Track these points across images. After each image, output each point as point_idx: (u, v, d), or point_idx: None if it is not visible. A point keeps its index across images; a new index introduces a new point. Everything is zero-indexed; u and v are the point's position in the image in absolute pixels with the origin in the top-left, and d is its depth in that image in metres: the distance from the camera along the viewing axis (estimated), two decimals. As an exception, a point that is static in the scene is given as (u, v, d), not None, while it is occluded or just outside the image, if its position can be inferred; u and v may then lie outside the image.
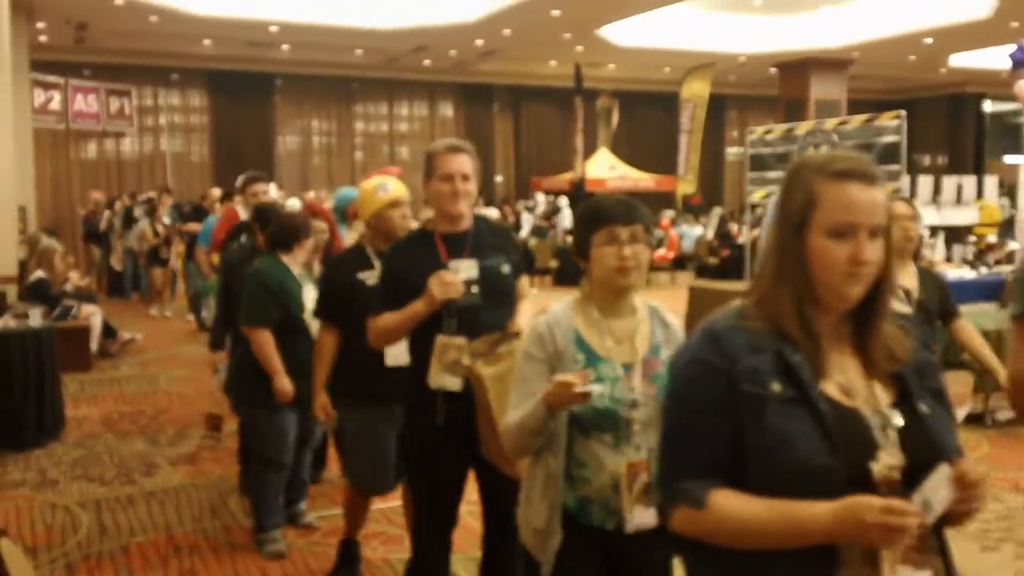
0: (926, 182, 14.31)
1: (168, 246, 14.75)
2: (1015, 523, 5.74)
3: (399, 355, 4.05)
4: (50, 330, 8.20)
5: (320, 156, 25.84)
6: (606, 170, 25.06)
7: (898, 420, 1.89)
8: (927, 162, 29.42)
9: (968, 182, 14.72)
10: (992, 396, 7.90)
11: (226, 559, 5.29)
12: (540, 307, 3.85)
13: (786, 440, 1.81)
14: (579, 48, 21.89)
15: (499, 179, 27.48)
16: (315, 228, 5.80)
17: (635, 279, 2.81)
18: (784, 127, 10.20)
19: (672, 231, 21.33)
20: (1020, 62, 10.63)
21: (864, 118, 9.28)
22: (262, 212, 5.86)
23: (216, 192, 14.34)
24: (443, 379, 3.57)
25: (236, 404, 5.75)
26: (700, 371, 1.92)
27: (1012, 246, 13.56)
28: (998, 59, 23.69)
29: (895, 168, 8.94)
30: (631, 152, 27.35)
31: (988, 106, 29.46)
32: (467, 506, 3.95)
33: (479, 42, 21.32)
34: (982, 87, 28.54)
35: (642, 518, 2.70)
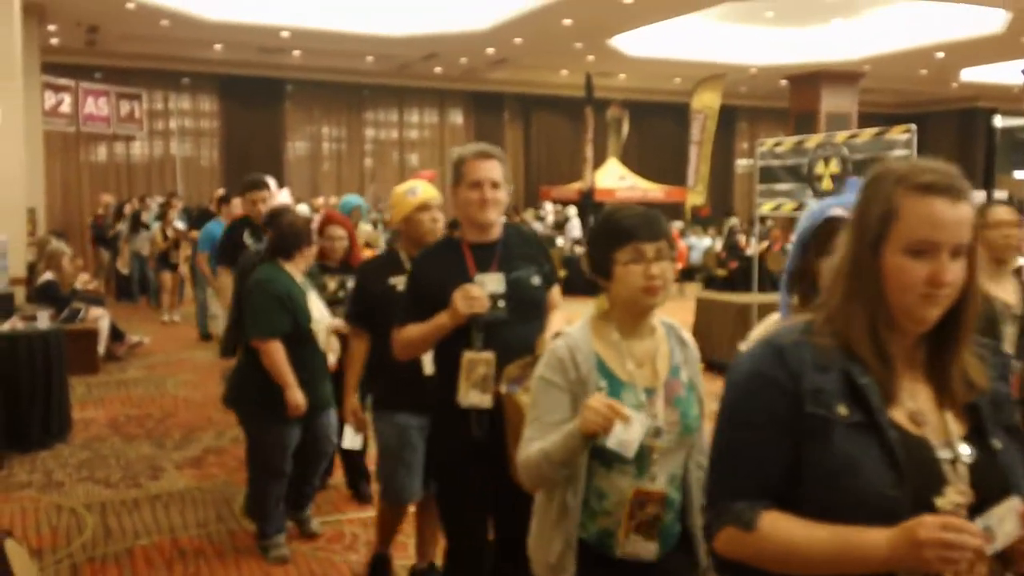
0: (936, 196, 14.26)
1: (178, 250, 14.74)
2: None
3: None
4: (58, 332, 8.21)
5: (330, 162, 25.89)
6: (615, 180, 25.09)
7: (969, 454, 1.77)
8: (937, 176, 29.30)
9: (978, 197, 14.65)
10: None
11: (231, 563, 5.28)
12: (567, 319, 3.72)
13: (851, 467, 1.71)
14: (590, 58, 21.91)
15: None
16: (334, 235, 5.75)
17: (662, 299, 2.64)
18: (794, 139, 10.16)
19: (681, 242, 21.32)
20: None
21: (874, 131, 9.25)
22: (274, 217, 5.76)
23: (219, 193, 14.12)
24: (472, 396, 3.43)
25: (240, 415, 5.55)
26: (761, 385, 1.82)
27: (1020, 262, 13.51)
28: (1010, 74, 23.75)
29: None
30: (641, 162, 27.39)
31: (999, 121, 29.40)
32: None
33: (490, 50, 21.35)
34: (993, 102, 28.54)
35: (637, 549, 2.60)
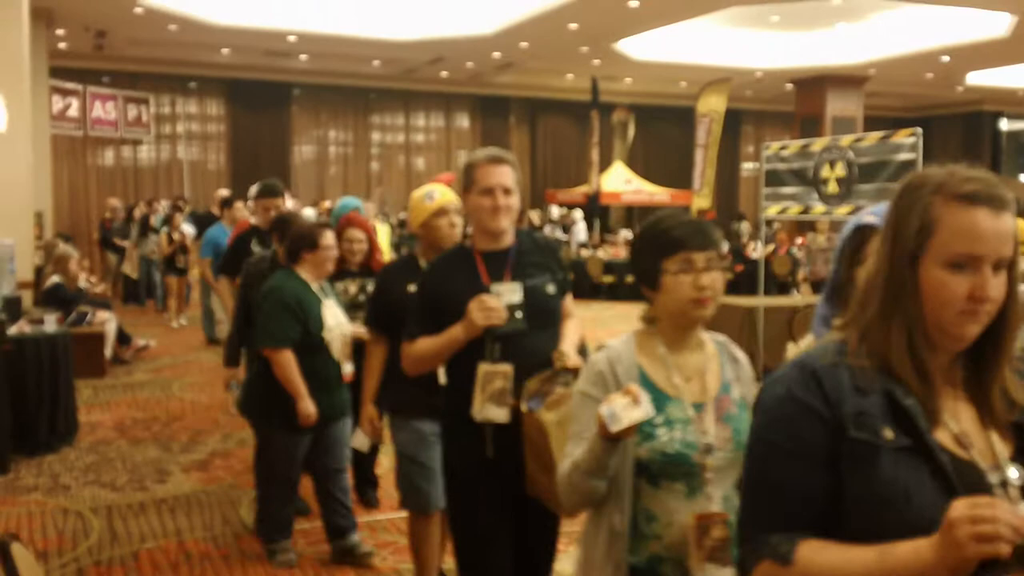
0: (942, 200, 14.25)
1: (185, 255, 14.76)
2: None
3: None
4: (65, 336, 8.23)
5: (336, 166, 25.91)
6: (621, 183, 25.09)
7: (1018, 477, 1.68)
8: (943, 180, 29.29)
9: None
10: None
11: (236, 567, 5.30)
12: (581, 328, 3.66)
13: (901, 494, 1.61)
14: (596, 61, 21.91)
15: (514, 191, 27.48)
16: (353, 238, 5.65)
17: (711, 311, 2.52)
18: (800, 143, 10.16)
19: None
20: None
21: (880, 135, 9.24)
22: (281, 222, 5.72)
23: (225, 193, 14.04)
24: (489, 411, 3.28)
25: (251, 422, 5.55)
26: (796, 412, 1.70)
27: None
28: (1015, 78, 23.73)
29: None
30: (646, 166, 27.39)
31: (1005, 124, 29.41)
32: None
33: (496, 54, 21.36)
34: (999, 105, 28.50)
35: None
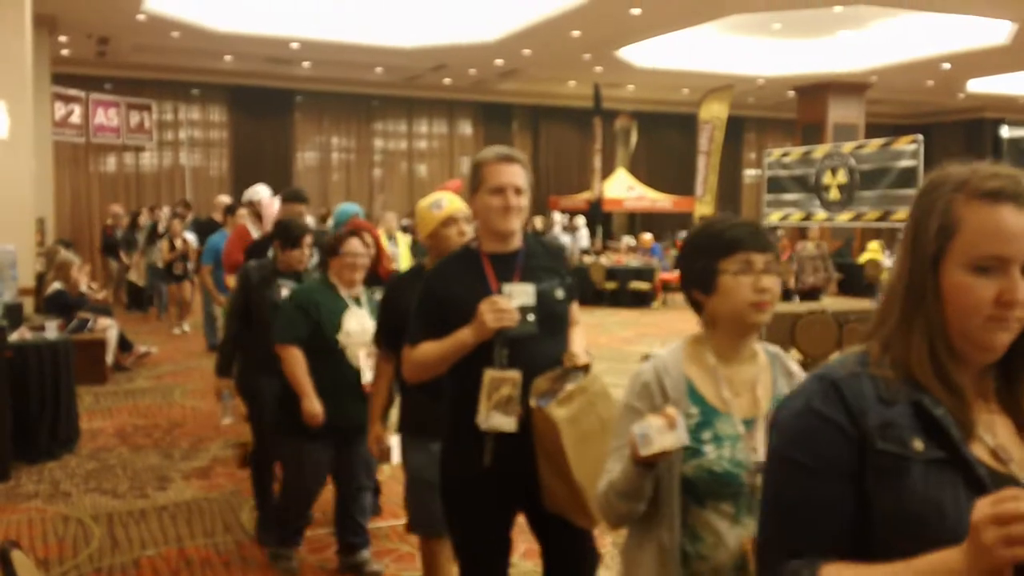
0: (943, 207, 14.26)
1: (184, 262, 14.75)
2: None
3: None
4: (66, 342, 8.24)
5: (339, 172, 25.94)
6: (624, 190, 25.12)
7: None
8: (945, 187, 29.32)
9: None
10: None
11: (237, 574, 5.29)
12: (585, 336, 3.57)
13: (934, 511, 1.49)
14: (598, 68, 21.94)
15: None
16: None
17: (768, 317, 2.39)
18: (801, 150, 10.18)
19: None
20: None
21: (881, 142, 9.26)
22: (281, 229, 5.64)
23: (226, 199, 13.99)
24: (495, 419, 3.14)
25: (273, 431, 5.38)
26: (816, 426, 1.58)
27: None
28: (1016, 85, 23.75)
29: (911, 192, 8.88)
30: (649, 172, 27.42)
31: (1006, 131, 29.41)
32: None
33: (499, 61, 21.39)
34: (1000, 112, 28.52)
35: None
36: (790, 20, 18.09)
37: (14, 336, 7.82)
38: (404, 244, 9.42)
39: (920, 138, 8.83)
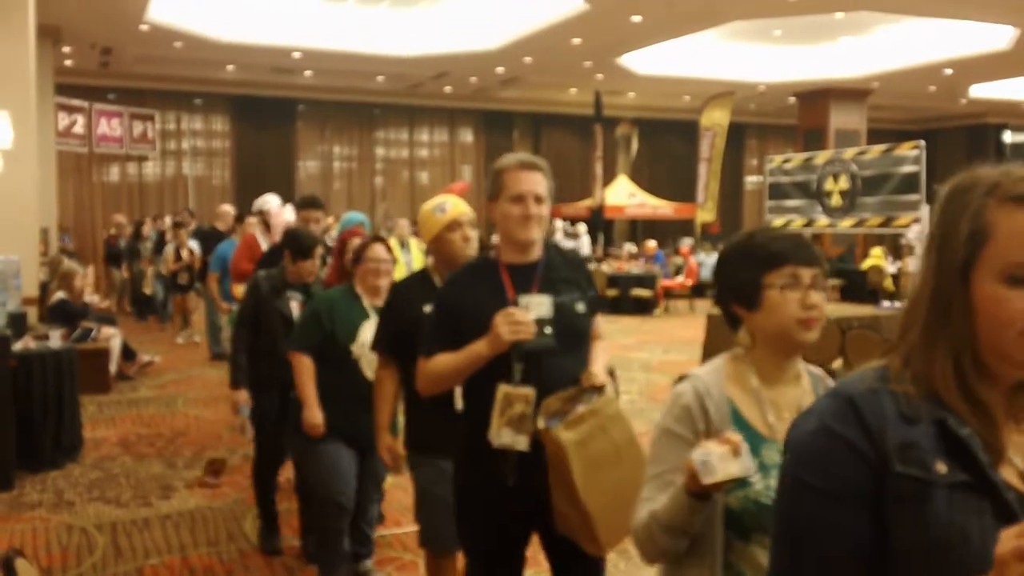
0: (946, 212, 14.27)
1: (190, 272, 14.71)
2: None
3: None
4: (70, 351, 8.24)
5: (341, 181, 25.97)
6: (625, 197, 25.15)
7: None
8: (947, 192, 29.37)
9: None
10: None
11: (240, 582, 5.30)
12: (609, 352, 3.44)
13: (959, 539, 1.37)
14: (599, 76, 21.97)
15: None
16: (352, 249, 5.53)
17: (817, 335, 2.22)
18: (803, 156, 10.21)
19: (692, 259, 21.38)
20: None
21: (883, 148, 9.28)
22: (290, 238, 5.54)
23: (228, 209, 13.95)
24: (507, 436, 3.03)
25: (287, 441, 5.26)
26: (830, 446, 1.45)
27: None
28: (1018, 90, 23.75)
29: (914, 198, 8.94)
30: (651, 179, 27.46)
31: (1008, 136, 29.41)
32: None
33: (500, 69, 21.43)
34: (1002, 118, 28.53)
35: None
36: (791, 26, 18.11)
37: (18, 345, 7.82)
38: (417, 250, 9.35)
39: (922, 144, 8.85)
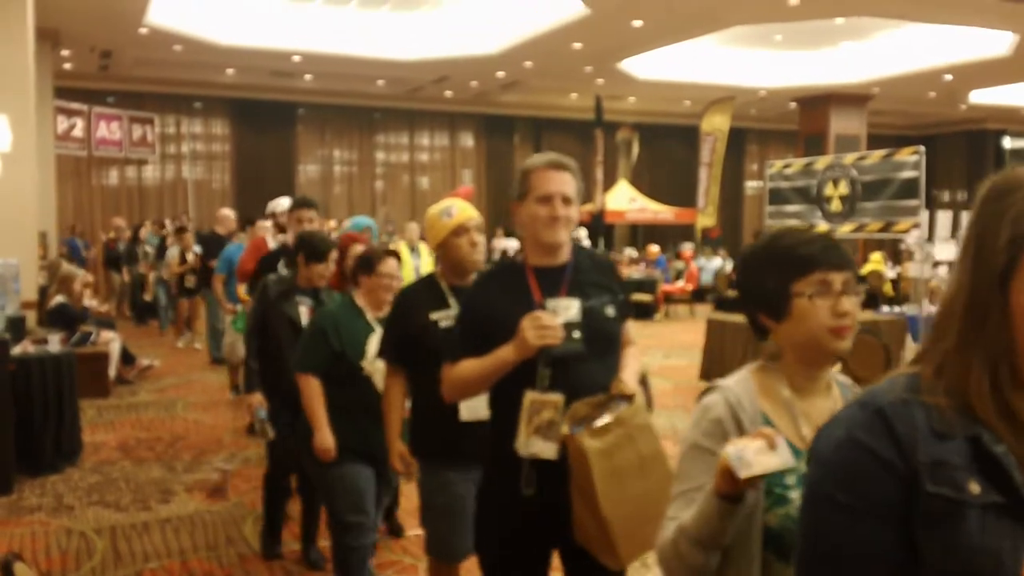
0: (945, 218, 14.25)
1: (195, 276, 14.66)
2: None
3: (477, 408, 3.51)
4: (69, 355, 8.23)
5: (341, 185, 25.98)
6: (626, 202, 25.14)
7: None
8: (946, 198, 29.43)
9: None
10: None
11: (240, 587, 5.29)
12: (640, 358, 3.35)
13: (993, 564, 1.30)
14: (600, 81, 21.98)
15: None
16: (356, 255, 5.44)
17: (850, 343, 2.10)
18: (803, 161, 10.20)
19: (692, 263, 21.38)
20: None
21: (883, 153, 9.28)
22: (304, 242, 5.37)
23: (228, 212, 13.92)
24: (534, 444, 2.94)
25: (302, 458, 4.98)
26: (859, 460, 1.37)
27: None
28: (1018, 96, 23.77)
29: (914, 203, 8.94)
30: (651, 184, 27.46)
31: (1008, 142, 29.43)
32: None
33: (500, 74, 21.43)
34: (1002, 123, 28.57)
35: None
36: (791, 31, 18.13)
37: (17, 349, 7.82)
38: (427, 255, 9.25)
39: (922, 149, 8.85)
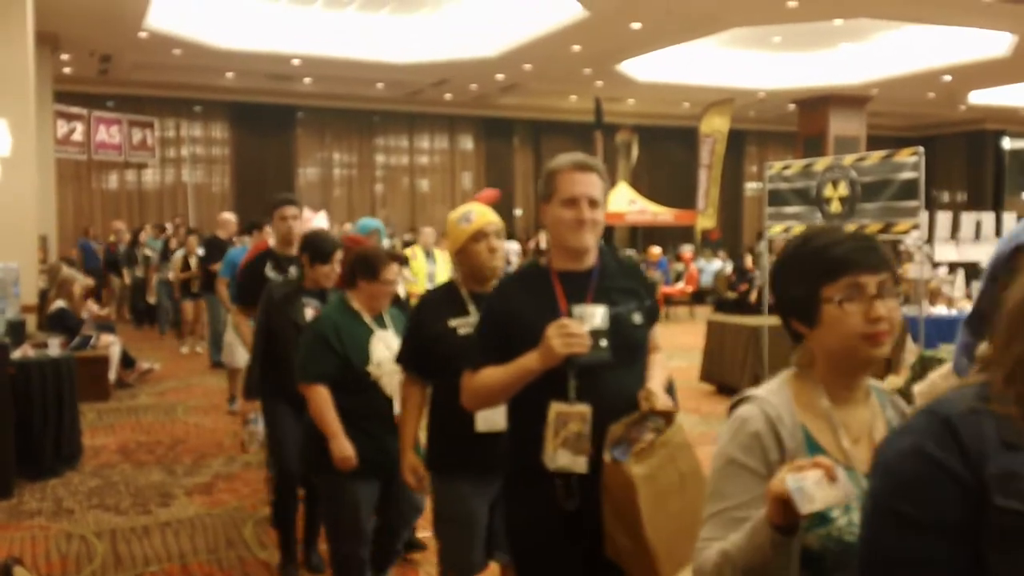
0: (945, 219, 14.29)
1: (198, 279, 14.60)
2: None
3: (492, 419, 3.40)
4: (69, 359, 8.23)
5: (341, 188, 26.00)
6: (626, 204, 25.11)
7: None
8: (946, 199, 29.48)
9: (987, 219, 14.65)
10: None
11: (240, 590, 5.28)
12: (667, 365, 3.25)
13: None
14: (599, 83, 21.99)
15: (518, 213, 27.57)
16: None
17: (888, 349, 1.94)
18: (802, 163, 10.18)
19: (692, 265, 21.39)
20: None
21: (882, 154, 9.26)
22: (309, 243, 5.23)
23: (230, 216, 13.87)
24: (562, 458, 2.81)
25: (307, 469, 4.80)
26: (926, 472, 1.31)
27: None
28: (1017, 96, 23.78)
29: (913, 204, 8.93)
30: (651, 186, 27.45)
31: (1007, 143, 29.46)
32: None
33: (500, 76, 21.45)
34: (1001, 124, 28.59)
35: None
36: (790, 33, 18.14)
37: (17, 353, 7.82)
38: (442, 260, 9.16)
39: (921, 150, 8.84)
